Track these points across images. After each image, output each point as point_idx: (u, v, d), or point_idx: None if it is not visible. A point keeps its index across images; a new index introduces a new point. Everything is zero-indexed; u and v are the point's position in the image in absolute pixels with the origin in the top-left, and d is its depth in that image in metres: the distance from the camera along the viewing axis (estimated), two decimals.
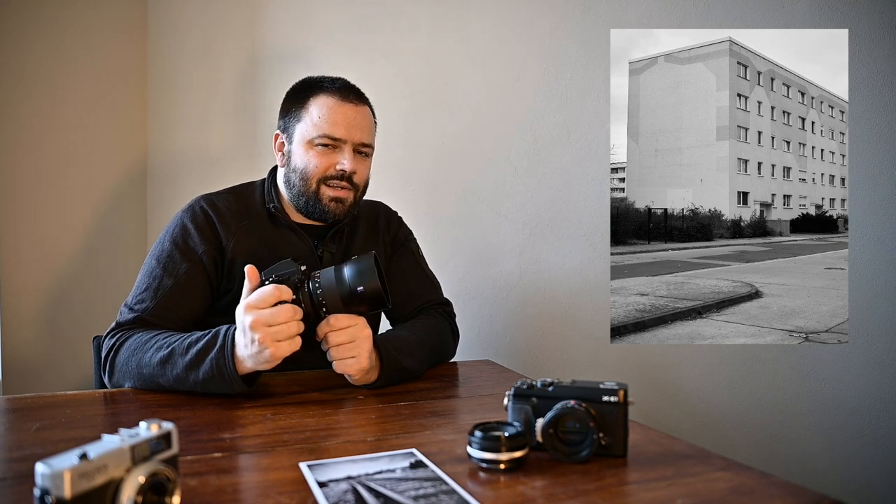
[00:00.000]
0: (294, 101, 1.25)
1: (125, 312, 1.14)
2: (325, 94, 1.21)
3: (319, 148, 1.19)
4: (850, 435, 1.51)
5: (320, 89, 1.22)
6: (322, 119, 1.19)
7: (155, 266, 1.17)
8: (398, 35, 1.86)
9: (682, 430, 1.61)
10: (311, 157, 1.20)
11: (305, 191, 1.21)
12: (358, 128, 1.20)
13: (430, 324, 1.27)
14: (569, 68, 1.72)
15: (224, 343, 0.98)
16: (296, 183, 1.22)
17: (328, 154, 1.20)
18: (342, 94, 1.21)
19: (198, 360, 0.99)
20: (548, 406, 0.74)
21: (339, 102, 1.20)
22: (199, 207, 1.22)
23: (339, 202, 1.21)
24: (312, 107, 1.21)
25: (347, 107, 1.20)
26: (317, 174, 1.20)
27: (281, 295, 0.96)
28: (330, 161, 1.19)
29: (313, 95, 1.22)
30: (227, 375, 0.97)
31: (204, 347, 0.99)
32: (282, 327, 0.95)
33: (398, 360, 1.10)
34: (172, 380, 1.01)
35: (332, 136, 1.19)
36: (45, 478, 0.49)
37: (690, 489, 0.67)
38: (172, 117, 2.01)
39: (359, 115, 1.21)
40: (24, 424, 0.89)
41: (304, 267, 1.04)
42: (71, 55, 1.85)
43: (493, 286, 1.80)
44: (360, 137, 1.21)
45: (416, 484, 0.67)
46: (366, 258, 1.03)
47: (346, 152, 1.19)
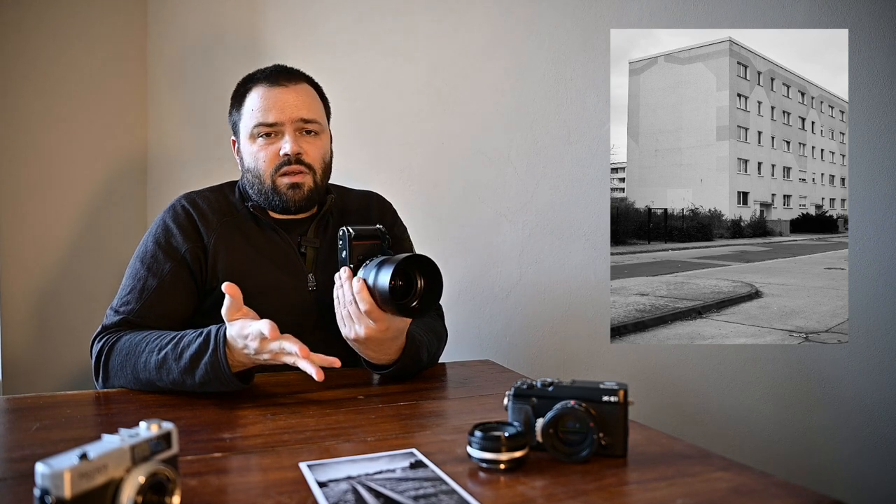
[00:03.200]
0: (235, 101, 1.25)
1: (111, 315, 1.14)
2: (256, 84, 1.21)
3: (261, 140, 1.18)
4: (850, 435, 1.51)
5: (253, 81, 1.22)
6: (255, 109, 1.18)
7: (139, 267, 1.16)
8: (398, 35, 1.86)
9: (682, 430, 1.61)
10: (255, 150, 1.19)
11: (262, 188, 1.19)
12: (293, 106, 1.18)
13: (432, 325, 1.27)
14: (569, 68, 1.72)
15: (216, 346, 0.97)
16: (253, 182, 1.21)
17: (271, 143, 1.18)
18: (271, 79, 1.20)
19: (192, 366, 0.98)
20: (548, 406, 0.74)
21: (268, 88, 1.19)
22: (181, 206, 1.22)
23: (296, 188, 1.18)
24: (248, 100, 1.21)
25: (277, 90, 1.18)
26: (267, 167, 1.18)
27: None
28: (275, 149, 1.18)
29: (248, 90, 1.22)
30: (224, 377, 0.97)
31: (197, 352, 0.98)
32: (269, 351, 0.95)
33: (419, 350, 1.10)
34: (170, 383, 1.01)
35: (266, 122, 1.17)
36: (45, 478, 0.49)
37: (690, 489, 0.67)
38: (172, 116, 2.01)
39: (291, 93, 1.19)
40: (24, 424, 0.89)
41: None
42: (70, 54, 1.85)
43: (493, 286, 1.80)
44: (297, 114, 1.18)
45: (416, 484, 0.67)
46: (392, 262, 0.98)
47: (286, 135, 1.17)
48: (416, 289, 1.01)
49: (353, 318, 1.02)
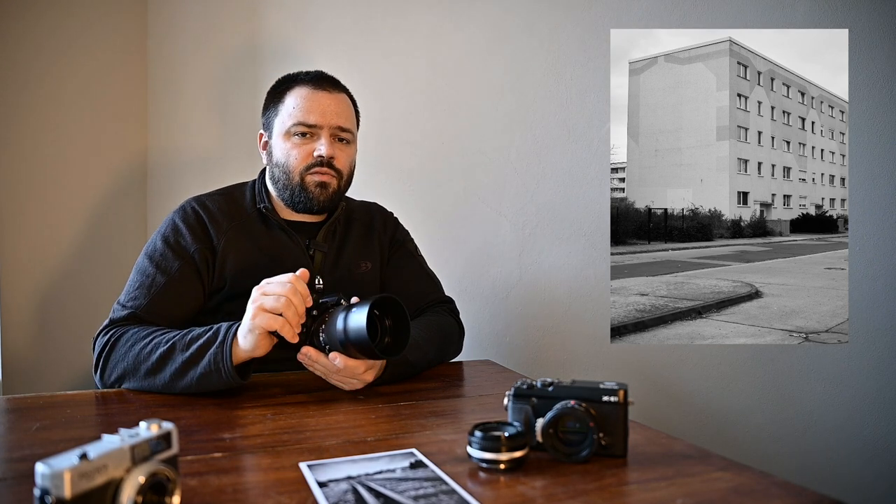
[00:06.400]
0: (272, 98, 1.27)
1: (118, 310, 1.14)
2: (299, 85, 1.24)
3: (296, 138, 1.21)
4: (850, 435, 1.51)
5: (295, 82, 1.25)
6: (296, 108, 1.21)
7: (147, 264, 1.17)
8: (398, 35, 1.86)
9: (682, 430, 1.61)
10: (289, 147, 1.21)
11: (289, 183, 1.22)
12: (333, 113, 1.22)
13: (436, 321, 1.27)
14: (569, 68, 1.72)
15: (225, 339, 0.98)
16: (280, 177, 1.23)
17: (306, 143, 1.21)
18: (315, 83, 1.23)
19: (198, 355, 0.98)
20: (548, 406, 0.74)
21: (312, 91, 1.22)
22: (191, 208, 1.23)
23: (323, 187, 1.21)
24: (288, 99, 1.23)
25: (321, 94, 1.22)
26: (298, 165, 1.21)
27: (297, 282, 0.97)
28: (308, 149, 1.21)
29: (289, 89, 1.24)
30: (225, 370, 0.97)
31: (205, 343, 0.99)
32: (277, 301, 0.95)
33: (404, 354, 1.10)
34: (168, 376, 1.00)
35: (306, 122, 1.20)
36: (45, 478, 0.49)
37: (690, 489, 0.67)
38: (172, 117, 2.01)
39: (334, 101, 1.23)
40: (24, 424, 0.89)
41: (350, 301, 1.00)
42: (70, 55, 1.85)
43: (493, 286, 1.80)
44: (336, 121, 1.22)
45: (416, 484, 0.67)
46: (362, 308, 0.93)
47: (322, 138, 1.21)
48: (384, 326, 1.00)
49: (346, 382, 1.04)
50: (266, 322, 0.95)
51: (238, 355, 0.98)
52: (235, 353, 0.98)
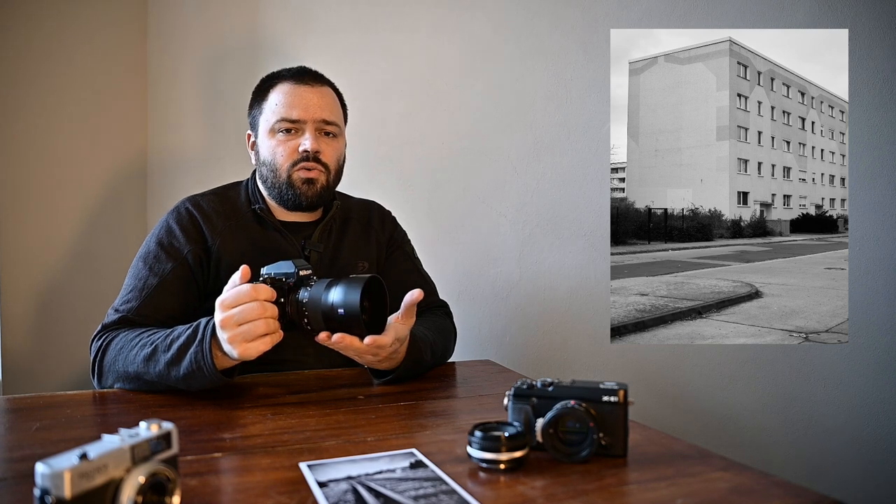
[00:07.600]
0: (257, 96, 1.27)
1: (111, 314, 1.13)
2: (281, 81, 1.24)
3: (281, 135, 1.21)
4: (851, 435, 1.51)
5: (278, 78, 1.25)
6: (279, 104, 1.21)
7: (141, 267, 1.16)
8: (398, 35, 1.86)
9: (682, 430, 1.61)
10: (274, 144, 1.21)
11: (277, 181, 1.21)
12: (316, 107, 1.21)
13: (440, 323, 1.27)
14: (569, 68, 1.72)
15: (203, 337, 0.95)
16: (268, 176, 1.22)
17: (291, 139, 1.21)
18: (297, 78, 1.23)
19: (179, 356, 0.96)
20: (548, 406, 0.74)
21: (294, 86, 1.22)
22: (185, 209, 1.22)
23: (311, 183, 1.20)
24: (271, 96, 1.23)
25: (303, 88, 1.21)
26: (284, 161, 1.20)
27: (257, 295, 0.90)
28: (294, 145, 1.20)
29: (272, 86, 1.24)
30: (206, 370, 0.95)
31: (185, 342, 0.97)
32: (249, 326, 0.89)
33: (422, 352, 1.10)
34: (155, 376, 0.99)
35: (289, 118, 1.20)
36: (45, 478, 0.49)
37: (690, 489, 0.67)
38: (172, 117, 2.01)
39: (317, 94, 1.22)
40: (24, 424, 0.89)
41: (306, 272, 0.97)
42: (70, 54, 1.85)
43: (493, 286, 1.80)
44: (320, 115, 1.21)
45: (416, 484, 0.67)
46: (358, 281, 0.92)
47: (307, 133, 1.20)
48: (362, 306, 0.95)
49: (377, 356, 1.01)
50: (252, 352, 0.91)
51: (224, 364, 0.96)
52: (221, 361, 0.96)
